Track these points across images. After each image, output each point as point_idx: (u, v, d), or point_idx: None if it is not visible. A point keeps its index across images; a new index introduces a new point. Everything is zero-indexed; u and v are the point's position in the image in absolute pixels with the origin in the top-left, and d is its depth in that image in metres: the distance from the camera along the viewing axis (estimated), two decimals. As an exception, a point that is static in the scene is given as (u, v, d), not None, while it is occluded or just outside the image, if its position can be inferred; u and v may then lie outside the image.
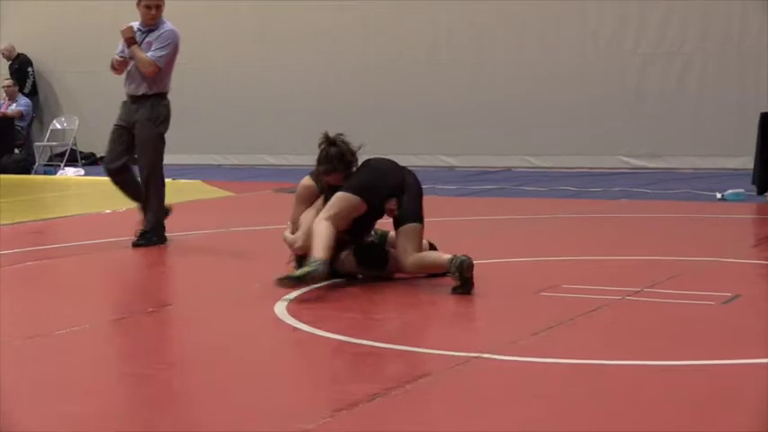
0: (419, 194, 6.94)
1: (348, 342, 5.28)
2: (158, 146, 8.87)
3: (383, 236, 7.25)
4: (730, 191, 11.65)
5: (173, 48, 8.92)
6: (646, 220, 10.15)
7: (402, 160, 8.17)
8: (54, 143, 18.31)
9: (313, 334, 5.45)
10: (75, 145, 18.16)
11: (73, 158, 18.03)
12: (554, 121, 15.90)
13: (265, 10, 17.82)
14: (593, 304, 5.98)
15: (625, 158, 15.65)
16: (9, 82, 18.34)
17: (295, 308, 6.05)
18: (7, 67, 18.84)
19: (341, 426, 3.97)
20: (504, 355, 4.94)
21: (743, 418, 4.01)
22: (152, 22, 8.85)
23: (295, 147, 17.54)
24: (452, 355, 4.90)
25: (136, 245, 8.46)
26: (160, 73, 8.80)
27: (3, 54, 18.84)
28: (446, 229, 8.96)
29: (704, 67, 15.21)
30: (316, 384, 4.62)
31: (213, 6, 18.08)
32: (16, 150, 18.19)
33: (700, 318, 5.72)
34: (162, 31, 8.87)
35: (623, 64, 15.62)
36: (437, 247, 7.21)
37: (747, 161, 12.63)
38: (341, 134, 7.16)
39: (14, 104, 18.37)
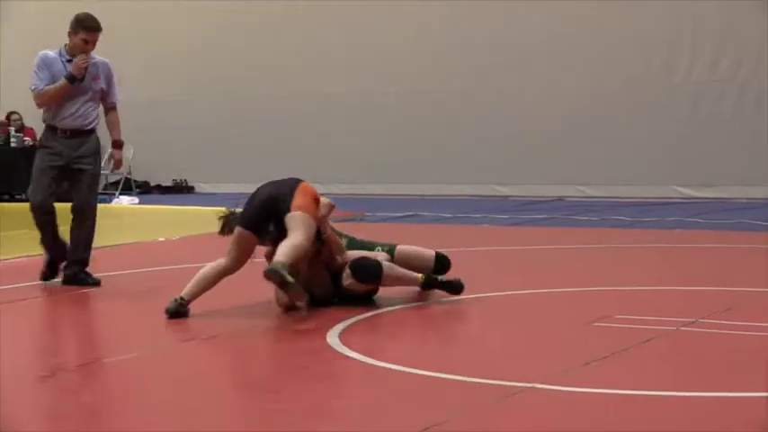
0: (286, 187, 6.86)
1: (400, 371, 5.28)
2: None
3: (391, 250, 7.28)
4: (786, 221, 11.55)
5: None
6: (700, 251, 10.07)
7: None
8: (109, 171, 18.49)
9: (365, 363, 5.45)
10: (129, 173, 18.34)
11: (127, 187, 18.21)
12: (606, 151, 15.84)
13: (323, 38, 17.93)
14: (647, 335, 5.93)
15: (678, 188, 15.56)
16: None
17: (348, 336, 6.05)
18: None
19: (393, 455, 3.96)
20: (557, 385, 4.91)
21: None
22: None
23: (342, 176, 17.62)
24: (505, 385, 4.88)
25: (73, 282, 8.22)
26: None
27: None
28: (498, 258, 8.95)
29: (759, 95, 15.10)
30: (368, 414, 4.61)
31: (266, 34, 18.23)
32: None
33: (756, 349, 5.65)
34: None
35: (677, 92, 15.55)
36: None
37: (802, 191, 12.51)
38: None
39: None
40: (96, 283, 8.22)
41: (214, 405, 4.78)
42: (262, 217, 6.93)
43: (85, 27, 8.21)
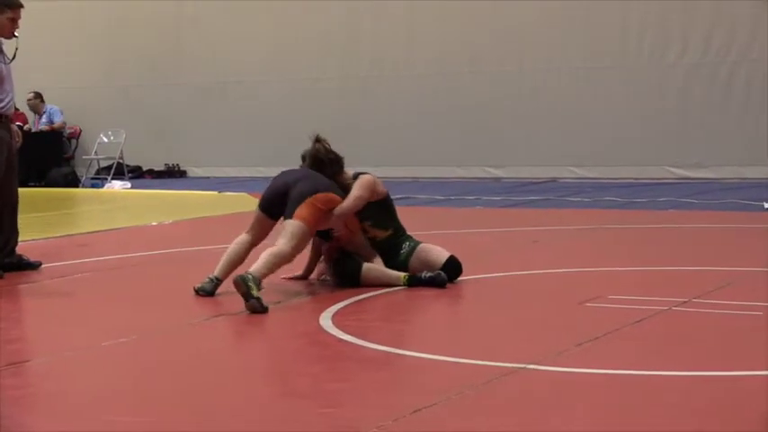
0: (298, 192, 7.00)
1: (392, 353, 5.28)
2: None
3: (414, 247, 7.26)
4: (778, 201, 11.56)
5: None
6: (692, 231, 10.08)
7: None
8: (101, 156, 18.48)
9: (357, 345, 5.46)
10: (121, 158, 18.32)
11: (119, 172, 18.19)
12: (599, 132, 15.84)
13: (313, 25, 17.88)
14: (640, 315, 5.94)
15: (671, 168, 15.56)
16: (31, 95, 18.34)
17: (340, 319, 6.06)
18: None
19: (386, 437, 3.97)
20: (550, 365, 4.92)
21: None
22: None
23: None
24: (497, 366, 4.88)
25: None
26: None
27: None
28: (491, 239, 8.96)
29: (750, 76, 15.09)
30: (360, 396, 4.62)
31: (258, 22, 18.18)
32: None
33: (747, 328, 5.66)
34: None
35: (669, 73, 15.54)
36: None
37: (795, 170, 12.52)
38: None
39: (44, 117, 18.49)
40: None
41: (206, 390, 4.78)
42: (274, 203, 7.14)
43: (11, 5, 7.83)
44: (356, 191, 7.16)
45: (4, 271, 7.91)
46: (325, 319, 6.04)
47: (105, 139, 18.55)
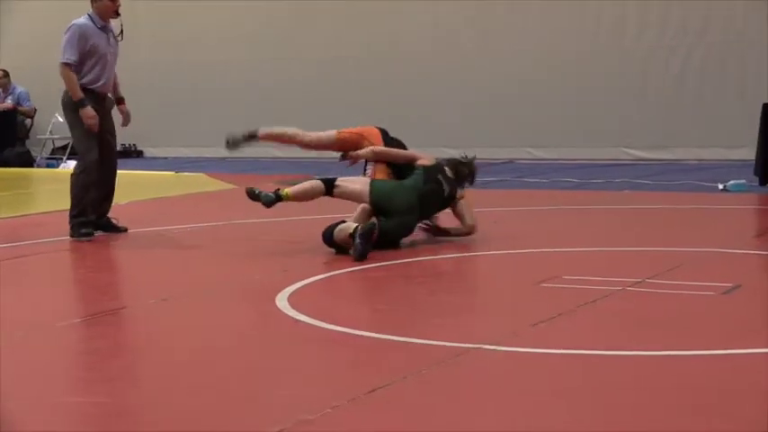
0: None
1: (348, 334, 5.29)
2: None
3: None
4: (733, 182, 11.66)
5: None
6: (648, 212, 10.16)
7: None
8: (56, 137, 18.33)
9: (314, 326, 5.46)
10: (77, 138, 18.15)
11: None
12: (556, 113, 15.90)
13: (264, 2, 17.80)
14: (594, 295, 5.98)
15: (628, 150, 15.65)
16: (0, 73, 18.22)
17: (296, 300, 6.05)
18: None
19: (341, 417, 3.97)
20: (505, 346, 4.94)
21: (744, 408, 4.01)
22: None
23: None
24: (453, 346, 4.90)
25: None
26: None
27: None
28: (447, 220, 8.96)
29: (706, 59, 15.19)
30: (316, 376, 4.62)
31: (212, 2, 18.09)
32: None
33: (700, 308, 5.72)
34: None
35: (626, 56, 15.61)
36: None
37: (750, 152, 12.63)
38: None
39: (9, 96, 18.34)
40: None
41: (162, 373, 4.77)
42: None
43: None
44: (407, 153, 8.60)
45: None
46: (282, 300, 6.04)
47: (60, 119, 18.36)
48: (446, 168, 8.23)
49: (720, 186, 11.63)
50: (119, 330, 5.68)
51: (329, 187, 7.87)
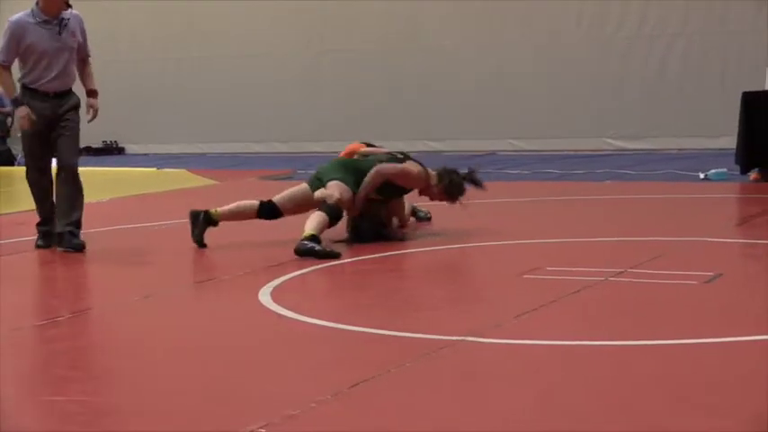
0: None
1: (332, 328, 5.29)
2: None
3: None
4: (713, 171, 11.70)
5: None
6: (629, 201, 10.18)
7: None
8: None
9: (297, 320, 5.45)
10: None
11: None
12: (538, 105, 15.93)
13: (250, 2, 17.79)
14: (577, 286, 5.99)
15: (609, 140, 15.70)
16: None
17: (279, 295, 6.05)
18: None
19: (326, 412, 3.97)
20: (489, 338, 4.94)
21: (726, 397, 4.02)
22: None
23: (279, 134, 17.62)
24: (436, 339, 4.90)
25: None
26: None
27: None
28: (430, 211, 8.97)
29: (687, 49, 15.25)
30: (300, 371, 4.62)
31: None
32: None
33: (682, 297, 5.73)
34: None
35: (606, 47, 15.66)
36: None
37: (730, 141, 12.68)
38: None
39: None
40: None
41: (143, 371, 4.76)
42: None
43: None
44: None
45: None
46: (264, 295, 6.03)
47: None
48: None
49: (702, 175, 11.67)
50: (102, 328, 5.66)
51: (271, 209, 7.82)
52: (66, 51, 8.05)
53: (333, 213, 7.53)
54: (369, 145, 8.63)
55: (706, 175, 11.64)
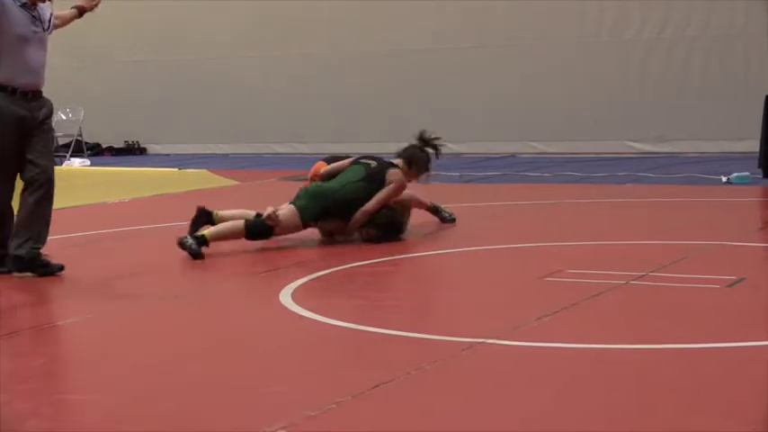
0: None
1: (352, 329, 5.29)
2: None
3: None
4: (736, 174, 11.64)
5: None
6: (651, 205, 10.14)
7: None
8: (59, 134, 18.32)
9: (318, 321, 5.46)
10: (80, 136, 18.18)
11: (78, 149, 18.05)
12: (559, 107, 15.89)
13: (273, 3, 17.82)
14: (598, 289, 5.98)
15: (630, 143, 15.64)
16: None
17: (300, 296, 6.05)
18: None
19: (345, 413, 3.97)
20: (509, 340, 4.94)
21: (746, 400, 4.00)
22: None
23: (301, 135, 17.64)
24: (456, 341, 4.90)
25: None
26: None
27: None
28: (453, 213, 8.97)
29: (709, 51, 15.19)
30: (320, 372, 4.62)
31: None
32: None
33: (704, 301, 5.71)
34: None
35: (628, 49, 15.61)
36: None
37: (753, 144, 12.63)
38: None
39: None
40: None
41: (168, 368, 4.77)
42: None
43: None
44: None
45: None
46: (285, 296, 6.03)
47: (63, 117, 18.39)
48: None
49: (724, 179, 11.61)
50: (130, 326, 5.68)
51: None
52: (42, 43, 7.20)
53: (254, 230, 7.71)
54: (333, 159, 8.56)
55: (728, 179, 11.59)
